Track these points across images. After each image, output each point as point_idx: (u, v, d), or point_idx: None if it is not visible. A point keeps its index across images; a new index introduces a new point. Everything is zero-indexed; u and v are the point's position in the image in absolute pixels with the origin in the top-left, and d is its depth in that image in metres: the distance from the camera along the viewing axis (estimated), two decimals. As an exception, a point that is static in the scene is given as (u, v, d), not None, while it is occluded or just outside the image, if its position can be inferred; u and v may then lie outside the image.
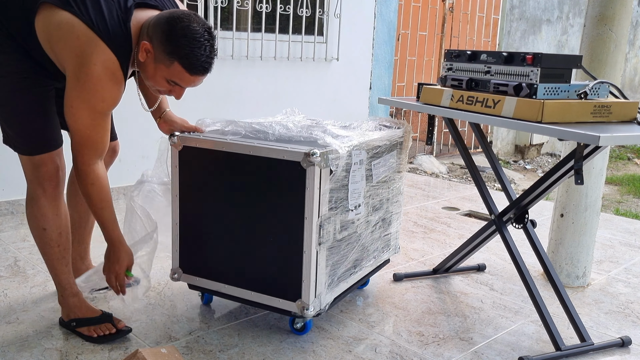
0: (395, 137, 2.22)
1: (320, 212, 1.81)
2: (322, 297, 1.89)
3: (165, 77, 1.68)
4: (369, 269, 2.22)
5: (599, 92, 1.92)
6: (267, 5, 4.06)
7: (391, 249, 2.39)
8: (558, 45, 6.99)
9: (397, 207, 2.35)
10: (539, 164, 6.63)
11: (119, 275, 1.87)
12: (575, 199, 2.54)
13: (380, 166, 2.13)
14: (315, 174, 1.76)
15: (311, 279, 1.83)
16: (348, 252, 2.02)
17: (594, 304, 2.44)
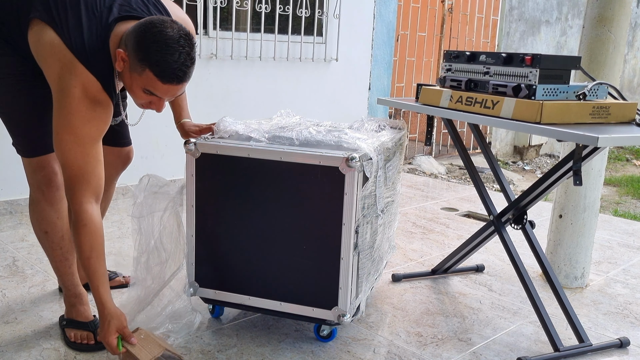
0: (400, 138, 2.24)
1: (357, 217, 1.78)
2: (354, 304, 1.87)
3: (140, 86, 1.60)
4: (380, 270, 2.26)
5: (597, 93, 1.92)
6: (266, 5, 4.06)
7: (390, 250, 2.40)
8: (557, 47, 7.00)
9: (396, 207, 2.37)
10: (537, 164, 6.64)
11: (109, 346, 1.67)
12: (574, 200, 2.54)
13: (392, 168, 2.13)
14: (354, 178, 1.72)
15: (348, 286, 1.79)
16: (376, 257, 2.07)
17: (593, 304, 2.44)
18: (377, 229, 2.04)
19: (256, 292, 1.91)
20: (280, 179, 1.81)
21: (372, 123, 2.20)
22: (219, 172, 1.87)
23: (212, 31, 3.86)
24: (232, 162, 1.84)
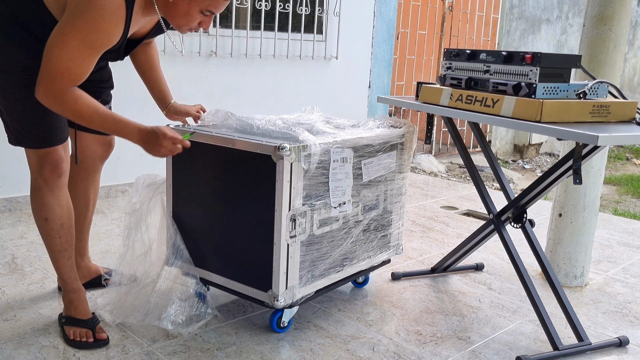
0: (394, 137, 2.20)
1: (292, 206, 1.84)
2: (296, 290, 1.92)
3: (201, 9, 1.68)
4: (360, 268, 2.21)
5: (598, 92, 1.92)
6: (266, 3, 4.05)
7: (392, 250, 2.37)
8: (557, 45, 6.99)
9: (398, 207, 2.33)
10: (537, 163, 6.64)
11: (173, 141, 1.73)
12: (573, 199, 2.54)
13: (373, 165, 2.12)
14: (285, 167, 1.79)
15: (281, 271, 1.87)
16: (332, 249, 2.03)
17: (592, 303, 2.44)
18: (343, 223, 2.04)
19: (217, 270, 2.05)
20: (230, 165, 1.93)
21: (376, 122, 2.23)
22: (189, 157, 1.99)
23: (212, 29, 3.85)
24: (199, 148, 1.97)
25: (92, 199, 2.21)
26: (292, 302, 1.93)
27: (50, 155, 1.84)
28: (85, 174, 2.13)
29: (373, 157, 2.11)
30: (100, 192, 3.53)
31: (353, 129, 2.15)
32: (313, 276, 1.99)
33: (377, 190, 2.19)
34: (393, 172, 2.24)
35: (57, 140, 1.85)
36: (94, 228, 3.00)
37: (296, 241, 1.89)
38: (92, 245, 2.56)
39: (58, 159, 1.85)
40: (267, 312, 2.16)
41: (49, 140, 1.83)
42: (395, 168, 2.25)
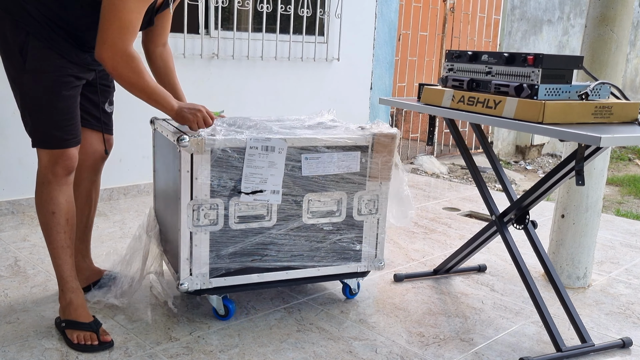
0: (358, 139, 2.09)
1: (195, 196, 1.93)
2: (202, 278, 2.00)
3: None
4: (307, 274, 2.14)
5: (600, 93, 1.91)
6: (267, 5, 4.06)
7: (365, 263, 2.22)
8: (559, 46, 6.99)
9: (371, 218, 2.18)
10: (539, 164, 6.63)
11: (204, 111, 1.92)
12: (576, 200, 2.54)
13: (320, 162, 2.05)
14: (184, 158, 1.89)
15: (183, 257, 1.97)
16: (259, 247, 2.05)
17: (595, 305, 2.44)
18: (272, 222, 2.05)
19: (166, 252, 2.19)
20: (170, 155, 2.05)
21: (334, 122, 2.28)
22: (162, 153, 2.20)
23: (213, 31, 3.86)
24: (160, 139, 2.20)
25: (94, 199, 2.22)
26: (199, 288, 2.01)
27: (65, 153, 1.89)
28: (87, 174, 2.14)
29: (320, 154, 2.05)
30: (103, 194, 3.53)
31: (320, 129, 2.16)
32: (231, 269, 2.03)
33: (335, 194, 2.10)
34: (359, 176, 2.12)
35: (75, 142, 1.91)
36: (96, 230, 3.00)
37: (202, 231, 1.96)
38: (94, 248, 2.57)
39: (72, 156, 1.91)
40: (270, 313, 2.17)
41: (67, 141, 1.88)
42: (361, 171, 2.12)
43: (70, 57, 1.85)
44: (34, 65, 1.80)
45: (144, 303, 2.21)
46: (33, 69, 1.80)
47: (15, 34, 1.80)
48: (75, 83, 1.88)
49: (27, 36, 1.80)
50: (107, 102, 2.13)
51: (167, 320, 2.08)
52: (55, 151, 1.87)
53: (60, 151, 1.88)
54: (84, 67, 1.90)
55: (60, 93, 1.83)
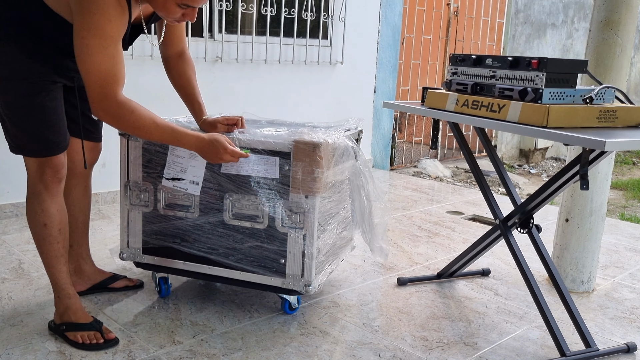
0: (278, 145, 1.97)
1: (130, 177, 2.12)
2: (136, 252, 2.20)
3: (176, 2, 1.67)
4: (230, 275, 2.10)
5: (604, 97, 1.91)
6: (271, 8, 4.07)
7: (289, 279, 2.05)
8: (563, 50, 6.98)
9: (295, 232, 2.00)
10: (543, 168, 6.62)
11: (233, 155, 1.84)
12: (580, 204, 2.53)
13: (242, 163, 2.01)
14: (122, 142, 2.10)
15: (122, 231, 2.20)
16: (179, 231, 2.12)
17: (599, 309, 2.43)
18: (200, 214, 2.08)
19: None
20: None
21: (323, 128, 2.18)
22: None
23: (217, 34, 3.86)
24: None
25: (87, 203, 2.20)
26: (135, 261, 2.20)
27: (52, 160, 1.84)
28: (77, 180, 2.12)
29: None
30: (106, 197, 3.54)
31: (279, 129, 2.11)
32: (156, 245, 2.16)
33: (254, 199, 2.02)
34: (281, 184, 1.98)
35: (60, 148, 1.85)
36: (99, 233, 3.01)
37: (136, 209, 2.14)
38: (98, 250, 2.57)
39: (59, 164, 1.85)
40: (273, 317, 2.17)
41: (52, 148, 1.82)
42: (282, 179, 1.98)
43: (45, 61, 1.76)
44: (4, 73, 1.72)
45: (147, 306, 2.21)
46: (3, 76, 1.72)
47: None
48: (52, 87, 1.79)
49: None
50: None
51: (171, 323, 2.08)
52: (42, 159, 1.82)
53: (47, 159, 1.82)
54: (62, 72, 1.81)
55: (38, 101, 1.75)
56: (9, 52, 1.71)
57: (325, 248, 2.12)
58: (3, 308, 2.14)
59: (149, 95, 3.61)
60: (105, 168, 3.37)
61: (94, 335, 1.89)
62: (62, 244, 1.91)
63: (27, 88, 1.74)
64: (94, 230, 3.04)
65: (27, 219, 1.89)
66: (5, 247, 2.77)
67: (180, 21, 1.76)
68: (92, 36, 1.60)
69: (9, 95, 1.75)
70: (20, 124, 1.78)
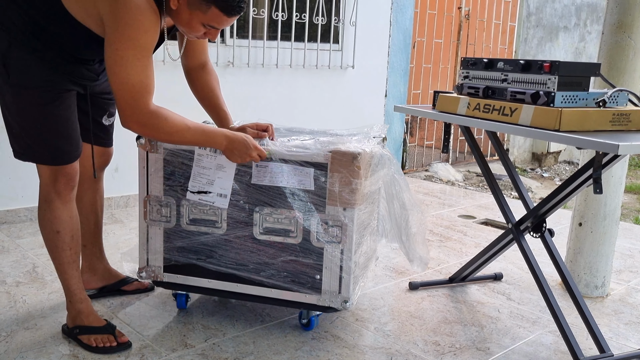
0: (314, 155, 1.89)
1: (149, 191, 2.01)
2: (157, 270, 2.08)
3: (202, 22, 1.68)
4: (260, 292, 2.01)
5: (617, 100, 1.90)
6: (283, 13, 4.08)
7: (325, 295, 1.95)
8: (575, 53, 6.94)
9: (333, 247, 1.92)
10: (556, 171, 6.57)
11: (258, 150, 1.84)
12: (593, 208, 2.51)
13: (266, 171, 1.92)
14: (141, 155, 2.00)
15: (141, 247, 2.09)
16: (205, 247, 2.03)
17: (614, 314, 2.40)
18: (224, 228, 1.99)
19: None
20: None
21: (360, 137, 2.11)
22: None
23: (229, 39, 3.88)
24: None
25: (100, 204, 2.22)
26: (155, 280, 2.09)
27: (65, 169, 1.84)
28: (89, 184, 2.14)
29: (269, 162, 1.92)
30: (119, 201, 3.56)
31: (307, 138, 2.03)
32: (179, 262, 2.05)
33: (287, 212, 1.93)
34: (317, 196, 1.90)
35: (75, 156, 1.85)
36: (112, 237, 3.03)
37: (156, 225, 2.03)
38: (111, 254, 2.59)
39: (72, 172, 1.86)
40: (285, 321, 2.17)
41: (67, 156, 1.83)
42: (318, 191, 1.89)
43: (60, 69, 1.75)
44: (18, 80, 1.70)
45: (159, 310, 2.22)
46: (17, 83, 1.71)
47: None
48: (66, 96, 1.79)
49: (9, 47, 1.70)
50: (106, 115, 2.06)
51: (183, 327, 2.09)
52: (55, 167, 1.82)
53: (60, 167, 1.82)
54: (76, 80, 1.81)
55: (52, 110, 1.75)
56: (23, 58, 1.70)
57: (360, 261, 2.04)
58: (17, 311, 2.17)
59: (162, 98, 3.62)
60: (118, 172, 3.39)
61: (107, 338, 1.90)
62: (75, 250, 1.92)
63: (41, 96, 1.74)
64: (107, 234, 3.06)
65: (40, 226, 1.91)
66: (20, 251, 2.80)
67: (201, 38, 1.77)
68: (126, 48, 1.61)
69: (23, 103, 1.75)
70: (33, 132, 1.78)
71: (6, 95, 1.76)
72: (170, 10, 1.69)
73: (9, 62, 1.71)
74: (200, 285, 2.06)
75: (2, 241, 2.93)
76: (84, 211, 2.14)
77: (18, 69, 1.70)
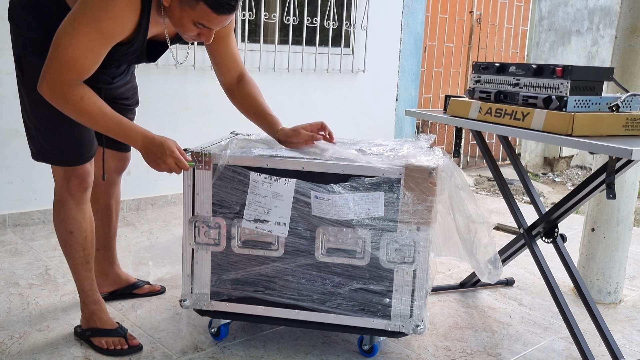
0: (386, 171, 1.77)
1: (196, 211, 1.86)
2: (203, 298, 1.92)
3: (192, 19, 1.61)
4: (321, 319, 1.88)
5: (631, 105, 1.88)
6: (294, 18, 4.10)
7: (395, 320, 1.85)
8: (588, 57, 6.89)
9: (404, 268, 1.81)
10: (568, 176, 6.53)
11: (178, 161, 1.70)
12: (606, 213, 2.49)
13: (329, 204, 1.78)
14: (186, 173, 1.84)
15: (184, 273, 1.92)
16: (262, 277, 1.88)
17: (627, 320, 2.38)
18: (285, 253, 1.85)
19: None
20: None
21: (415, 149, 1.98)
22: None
23: (240, 43, 3.90)
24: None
25: (115, 209, 2.23)
26: (201, 308, 1.93)
27: (78, 170, 1.85)
28: (105, 188, 2.15)
29: (331, 194, 1.77)
30: (130, 204, 3.58)
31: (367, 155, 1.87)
32: (233, 296, 1.90)
33: (355, 233, 1.81)
34: (388, 220, 1.80)
35: (86, 157, 1.86)
36: (124, 240, 3.05)
37: (203, 249, 1.89)
38: (122, 257, 2.61)
39: (85, 173, 1.87)
40: (294, 325, 2.16)
41: (78, 158, 1.84)
42: (390, 216, 1.78)
43: None
44: (32, 81, 1.69)
45: (170, 313, 2.23)
46: (32, 85, 1.69)
47: (15, 45, 1.74)
48: None
49: (24, 49, 1.72)
50: None
51: (193, 330, 2.09)
52: (67, 168, 1.84)
53: (73, 168, 1.84)
54: (90, 82, 1.72)
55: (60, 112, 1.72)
56: (37, 60, 1.71)
57: (429, 282, 1.88)
58: (30, 313, 2.18)
59: (173, 103, 3.66)
60: (130, 176, 3.41)
61: (118, 341, 1.91)
62: (89, 251, 1.93)
63: None
64: (118, 237, 3.07)
65: (54, 226, 1.92)
66: (33, 253, 2.82)
67: (196, 40, 1.71)
68: (84, 24, 1.55)
69: (37, 104, 1.76)
70: (46, 133, 1.80)
71: (24, 97, 1.79)
72: (166, 10, 1.66)
73: (24, 64, 1.74)
74: (254, 313, 1.91)
75: (15, 243, 2.96)
76: (99, 214, 2.15)
77: (33, 70, 1.72)
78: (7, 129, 3.12)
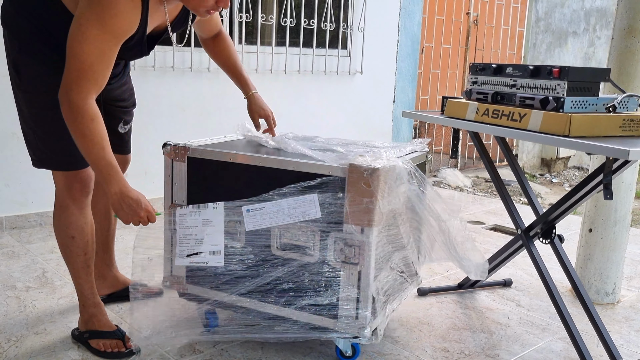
0: (327, 167, 1.73)
1: (174, 199, 1.99)
2: (179, 281, 2.01)
3: None
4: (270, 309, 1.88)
5: (628, 106, 1.89)
6: (291, 19, 4.10)
7: (341, 321, 1.79)
8: (585, 58, 6.91)
9: (349, 268, 1.76)
10: (565, 177, 6.54)
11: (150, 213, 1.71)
12: (604, 214, 2.49)
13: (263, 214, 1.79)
14: (166, 163, 1.98)
15: (166, 256, 2.01)
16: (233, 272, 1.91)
17: (625, 321, 2.38)
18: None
19: None
20: None
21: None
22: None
23: (237, 45, 3.90)
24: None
25: None
26: (180, 291, 2.02)
27: (80, 174, 1.85)
28: (104, 192, 2.12)
29: (263, 203, 1.76)
30: (128, 206, 3.57)
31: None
32: (204, 282, 1.94)
33: (304, 229, 1.78)
34: (334, 220, 1.75)
35: (85, 162, 1.82)
36: (122, 242, 3.04)
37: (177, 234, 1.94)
38: (120, 259, 2.60)
39: (87, 177, 1.86)
40: (292, 327, 2.16)
41: (77, 162, 1.83)
42: (337, 215, 1.73)
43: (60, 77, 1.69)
44: (29, 85, 1.70)
45: (168, 315, 2.22)
46: (29, 89, 1.71)
47: (9, 49, 1.73)
48: None
49: (19, 52, 1.71)
50: (122, 123, 2.06)
51: (191, 332, 2.09)
52: (69, 172, 1.83)
53: (75, 172, 1.83)
54: None
55: (61, 114, 1.69)
56: (33, 64, 1.71)
57: (386, 286, 1.86)
58: (27, 316, 2.18)
59: (170, 105, 3.65)
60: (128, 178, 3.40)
61: (116, 343, 1.91)
62: (89, 255, 1.93)
63: (52, 101, 1.72)
64: (116, 239, 3.07)
65: (55, 231, 1.91)
66: (30, 255, 2.82)
67: (213, 10, 1.65)
68: (91, 27, 1.53)
69: (35, 108, 1.76)
70: (46, 137, 1.80)
71: (20, 102, 1.78)
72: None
73: (20, 68, 1.72)
74: (220, 299, 1.94)
75: (12, 246, 2.95)
76: (98, 218, 2.14)
77: (29, 74, 1.72)
78: (4, 131, 3.12)
